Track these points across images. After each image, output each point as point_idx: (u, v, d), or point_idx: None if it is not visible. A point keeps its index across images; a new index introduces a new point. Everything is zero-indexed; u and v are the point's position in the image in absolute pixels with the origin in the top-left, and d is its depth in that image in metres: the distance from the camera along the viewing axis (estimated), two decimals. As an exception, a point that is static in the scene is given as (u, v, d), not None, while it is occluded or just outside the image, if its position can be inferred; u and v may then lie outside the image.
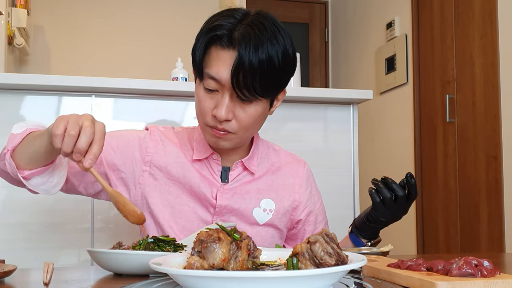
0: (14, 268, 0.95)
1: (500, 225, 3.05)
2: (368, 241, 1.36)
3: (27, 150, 1.14)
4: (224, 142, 1.23)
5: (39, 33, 4.54)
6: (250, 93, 1.15)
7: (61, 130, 0.99)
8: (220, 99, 1.17)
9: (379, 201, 1.27)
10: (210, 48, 1.18)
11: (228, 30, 1.15)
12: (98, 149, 1.01)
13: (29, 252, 2.00)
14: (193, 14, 4.79)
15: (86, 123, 1.00)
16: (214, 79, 1.16)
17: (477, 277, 0.78)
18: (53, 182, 1.20)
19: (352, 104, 2.42)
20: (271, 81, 1.17)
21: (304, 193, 1.40)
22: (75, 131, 0.99)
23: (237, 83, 1.13)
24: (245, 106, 1.18)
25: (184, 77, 2.62)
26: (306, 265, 0.75)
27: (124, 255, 0.98)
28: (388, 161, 4.29)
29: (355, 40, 4.99)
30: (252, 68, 1.13)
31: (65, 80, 2.06)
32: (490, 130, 3.15)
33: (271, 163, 1.40)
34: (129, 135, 1.36)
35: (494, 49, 3.14)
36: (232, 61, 1.13)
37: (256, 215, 1.33)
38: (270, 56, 1.14)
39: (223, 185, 1.32)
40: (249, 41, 1.13)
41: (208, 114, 1.20)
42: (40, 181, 1.19)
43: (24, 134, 1.17)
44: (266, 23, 1.17)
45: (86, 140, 0.99)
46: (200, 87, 1.21)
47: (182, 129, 1.41)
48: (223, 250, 0.75)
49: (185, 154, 1.34)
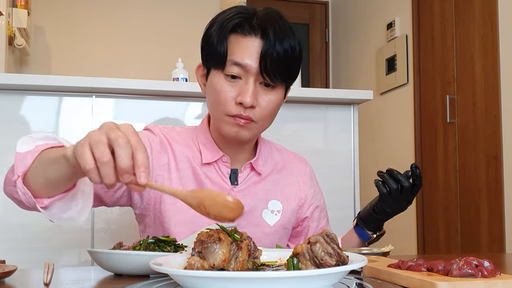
0: (15, 269, 0.95)
1: (501, 226, 3.05)
2: (374, 233, 1.38)
3: (40, 176, 0.96)
4: (245, 131, 1.23)
5: (40, 34, 4.54)
6: (276, 78, 1.19)
7: (90, 163, 0.77)
8: (243, 85, 1.19)
9: (386, 192, 1.29)
10: (229, 37, 1.20)
11: (246, 18, 1.20)
12: (145, 156, 0.79)
13: (29, 253, 2.00)
14: (194, 14, 4.79)
15: (112, 135, 0.78)
16: (238, 65, 1.18)
17: (477, 277, 0.78)
18: (78, 207, 1.02)
19: (352, 105, 2.42)
20: (293, 67, 1.22)
21: (309, 191, 1.42)
22: (107, 155, 0.77)
23: (265, 68, 1.17)
24: (267, 92, 1.21)
25: (184, 78, 2.62)
26: (307, 266, 0.75)
27: (125, 255, 0.98)
28: (388, 161, 4.29)
29: (355, 41, 4.99)
30: (279, 54, 1.17)
31: (65, 81, 2.06)
32: (491, 131, 3.15)
33: (275, 162, 1.40)
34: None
35: (495, 50, 3.13)
36: (256, 47, 1.17)
37: (265, 217, 1.33)
38: (293, 44, 1.20)
39: (233, 187, 1.30)
40: (274, 29, 1.18)
41: (231, 103, 1.19)
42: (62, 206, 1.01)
43: (35, 154, 0.98)
44: (280, 14, 1.24)
45: (126, 155, 0.77)
46: (220, 77, 1.20)
47: (182, 129, 1.38)
48: (223, 250, 0.75)
49: (193, 156, 1.30)
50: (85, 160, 0.77)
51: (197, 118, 2.24)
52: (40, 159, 0.97)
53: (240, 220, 1.29)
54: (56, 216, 1.01)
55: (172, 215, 1.26)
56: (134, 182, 0.78)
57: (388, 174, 1.30)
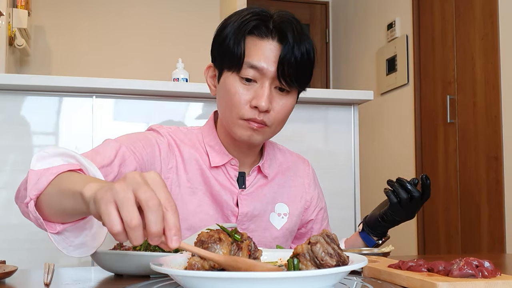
0: (15, 269, 0.95)
1: (501, 226, 3.05)
2: (379, 239, 1.38)
3: (55, 203, 0.89)
4: (258, 135, 1.21)
5: (40, 34, 4.55)
6: (293, 83, 1.18)
7: (118, 225, 0.67)
8: (259, 89, 1.17)
9: (396, 202, 1.29)
10: (246, 39, 1.17)
11: (263, 20, 1.18)
12: (176, 218, 0.69)
13: (30, 253, 1.99)
14: (194, 16, 4.80)
15: (142, 195, 0.67)
16: (255, 68, 1.16)
17: (478, 277, 0.78)
18: (92, 230, 0.95)
19: (353, 105, 2.42)
20: (308, 72, 1.21)
21: (313, 193, 1.41)
22: (137, 218, 0.67)
23: (282, 73, 1.15)
24: (282, 97, 1.20)
25: (184, 78, 2.62)
26: (307, 266, 0.75)
27: (125, 255, 0.98)
28: (389, 162, 4.29)
29: (355, 41, 4.99)
30: (296, 58, 1.16)
31: (65, 81, 2.06)
32: (491, 131, 3.15)
33: (279, 163, 1.39)
34: (148, 140, 1.23)
35: (495, 50, 3.13)
36: (273, 51, 1.16)
37: (272, 220, 1.32)
38: (309, 48, 1.19)
39: (241, 191, 1.28)
40: (292, 32, 1.16)
41: (245, 106, 1.17)
42: (74, 231, 0.94)
43: (50, 178, 0.91)
44: (295, 19, 1.21)
45: (158, 221, 0.67)
46: (235, 79, 1.18)
47: (187, 130, 1.33)
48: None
49: (201, 159, 1.27)
50: (112, 222, 0.67)
51: (197, 118, 2.23)
52: (55, 185, 0.90)
53: (250, 224, 1.28)
54: (67, 240, 0.94)
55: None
56: (164, 243, 0.70)
57: (398, 183, 1.29)
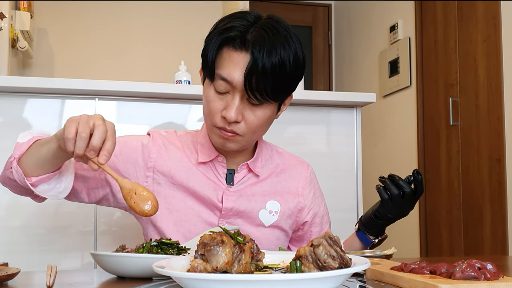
0: (18, 271, 0.96)
1: (504, 228, 3.04)
2: (375, 238, 1.38)
3: (34, 157, 1.14)
4: (231, 144, 1.24)
5: (43, 36, 4.55)
6: (262, 96, 1.16)
7: (72, 133, 1.00)
8: (230, 100, 1.18)
9: (387, 198, 1.30)
10: (222, 49, 1.17)
11: (241, 32, 1.16)
12: (112, 145, 1.02)
13: (32, 255, 2.00)
14: (196, 18, 4.80)
15: (97, 122, 1.01)
16: (225, 80, 1.16)
17: (480, 280, 0.78)
18: (61, 188, 1.21)
19: (355, 107, 2.42)
20: (282, 85, 1.18)
21: (308, 195, 1.41)
22: (86, 133, 1.00)
23: (249, 86, 1.14)
24: (254, 108, 1.19)
25: (187, 80, 2.62)
26: (310, 268, 0.75)
27: (128, 258, 0.99)
28: (391, 164, 4.28)
29: (358, 43, 4.99)
30: (265, 71, 1.13)
31: (68, 83, 2.06)
32: (494, 133, 3.15)
33: (275, 165, 1.40)
34: (132, 141, 1.36)
35: (498, 52, 3.13)
36: (245, 63, 1.14)
37: (262, 217, 1.34)
38: (283, 60, 1.15)
39: (229, 187, 1.32)
40: (263, 44, 1.14)
41: (217, 115, 1.20)
42: (47, 187, 1.19)
43: (30, 142, 1.17)
44: (279, 27, 1.18)
45: (99, 137, 1.00)
46: (210, 88, 1.20)
47: (185, 133, 1.41)
48: (226, 253, 0.75)
49: (189, 157, 1.34)
50: (69, 131, 1.00)
51: (200, 120, 2.24)
52: (33, 145, 1.17)
53: (236, 218, 1.32)
54: (42, 193, 1.17)
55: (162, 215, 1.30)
56: (95, 161, 1.02)
57: (389, 180, 1.31)
